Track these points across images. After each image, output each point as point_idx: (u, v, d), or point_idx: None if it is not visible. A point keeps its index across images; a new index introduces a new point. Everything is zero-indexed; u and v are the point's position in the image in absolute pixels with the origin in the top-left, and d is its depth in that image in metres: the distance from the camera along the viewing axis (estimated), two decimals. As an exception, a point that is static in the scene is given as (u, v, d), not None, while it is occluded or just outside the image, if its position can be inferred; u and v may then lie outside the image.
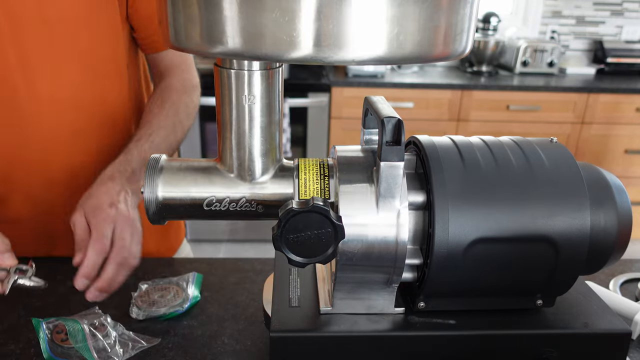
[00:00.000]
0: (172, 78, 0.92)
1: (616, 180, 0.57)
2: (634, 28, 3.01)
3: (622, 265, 0.88)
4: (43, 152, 0.81)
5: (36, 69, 0.76)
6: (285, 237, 0.48)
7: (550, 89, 2.55)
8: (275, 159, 0.58)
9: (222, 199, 0.57)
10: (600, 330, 0.55)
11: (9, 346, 0.66)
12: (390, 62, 0.43)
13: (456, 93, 2.52)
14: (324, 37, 0.40)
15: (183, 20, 0.44)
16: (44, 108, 0.78)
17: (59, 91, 0.79)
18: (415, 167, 0.57)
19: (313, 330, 0.54)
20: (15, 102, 0.76)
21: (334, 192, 0.54)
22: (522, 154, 0.55)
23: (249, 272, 0.84)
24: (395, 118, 0.49)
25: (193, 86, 0.94)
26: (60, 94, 0.79)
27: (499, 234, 0.52)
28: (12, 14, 0.72)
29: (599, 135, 2.65)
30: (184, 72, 0.93)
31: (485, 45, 2.72)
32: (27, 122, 0.78)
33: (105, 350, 0.62)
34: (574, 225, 0.52)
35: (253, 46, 0.41)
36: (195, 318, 0.72)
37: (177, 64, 0.93)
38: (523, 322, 0.56)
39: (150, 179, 0.57)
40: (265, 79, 0.53)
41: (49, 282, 0.79)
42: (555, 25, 2.99)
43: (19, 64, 0.75)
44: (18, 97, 0.76)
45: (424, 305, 0.56)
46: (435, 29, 0.43)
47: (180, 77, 0.92)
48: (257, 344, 0.67)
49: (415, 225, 0.54)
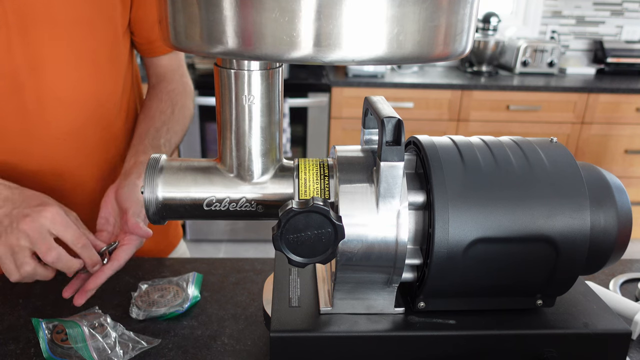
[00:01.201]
0: (174, 82, 0.95)
1: (616, 180, 0.57)
2: (634, 28, 3.01)
3: (622, 265, 0.88)
4: (45, 149, 0.82)
5: (41, 68, 0.77)
6: (285, 237, 0.48)
7: (550, 89, 2.55)
8: (275, 159, 0.58)
9: (222, 199, 0.57)
10: (600, 330, 0.55)
11: (9, 346, 0.66)
12: (390, 62, 0.43)
13: (456, 93, 2.52)
14: (324, 37, 0.40)
15: (183, 20, 0.44)
16: (47, 106, 0.79)
17: (62, 90, 0.80)
18: (415, 167, 0.58)
19: (313, 330, 0.54)
20: (20, 99, 0.77)
21: (334, 192, 0.54)
22: (522, 154, 0.55)
23: (249, 272, 0.84)
24: (395, 118, 0.49)
25: (192, 91, 0.99)
26: (63, 92, 0.80)
27: (499, 234, 0.52)
28: (22, 15, 0.73)
29: (599, 135, 2.65)
30: (182, 76, 0.97)
31: (485, 45, 2.72)
32: (31, 119, 0.79)
33: (105, 351, 0.62)
34: (574, 225, 0.52)
35: (253, 46, 0.41)
36: (195, 318, 0.72)
37: (175, 68, 0.97)
38: (523, 322, 0.56)
39: (150, 179, 0.57)
40: (265, 79, 0.53)
41: (49, 281, 0.80)
42: (555, 25, 2.99)
43: (25, 63, 0.76)
44: (23, 95, 0.77)
45: (424, 305, 0.56)
46: (435, 29, 0.43)
47: (181, 82, 0.96)
48: (257, 344, 0.67)
49: (415, 225, 0.54)
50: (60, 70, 0.79)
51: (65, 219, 0.66)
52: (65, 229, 0.65)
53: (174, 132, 0.89)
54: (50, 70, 0.78)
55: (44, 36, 0.76)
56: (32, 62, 0.76)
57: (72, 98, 0.81)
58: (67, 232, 0.66)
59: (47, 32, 0.76)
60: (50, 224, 0.65)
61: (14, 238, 0.64)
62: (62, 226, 0.65)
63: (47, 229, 0.64)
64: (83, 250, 0.67)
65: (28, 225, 0.63)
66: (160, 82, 0.95)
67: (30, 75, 0.76)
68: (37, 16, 0.74)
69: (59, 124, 0.81)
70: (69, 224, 0.66)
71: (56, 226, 0.65)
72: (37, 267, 0.65)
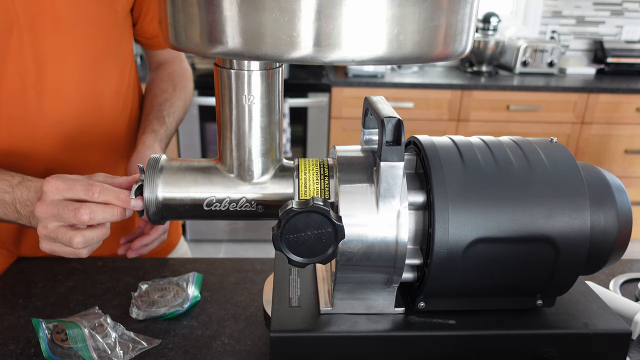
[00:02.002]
0: (174, 66, 1.03)
1: (616, 180, 0.57)
2: (634, 28, 3.01)
3: (622, 265, 0.88)
4: (47, 146, 0.82)
5: (46, 67, 0.78)
6: (285, 237, 0.48)
7: (550, 89, 2.55)
8: (275, 159, 0.58)
9: (222, 199, 0.57)
10: (600, 330, 0.55)
11: (9, 346, 0.66)
12: (390, 62, 0.43)
13: (456, 93, 2.52)
14: (324, 37, 0.40)
15: (183, 20, 0.44)
16: (51, 104, 0.80)
17: (65, 88, 0.81)
18: (415, 167, 0.57)
19: (313, 330, 0.54)
20: (25, 97, 0.78)
21: (334, 192, 0.54)
22: (522, 154, 0.55)
23: (249, 272, 0.84)
24: (395, 118, 0.49)
25: (190, 74, 1.06)
26: (66, 90, 0.81)
27: (499, 234, 0.52)
28: (32, 15, 0.74)
29: (599, 135, 2.65)
30: (182, 61, 1.05)
31: (485, 45, 2.72)
32: (34, 117, 0.79)
33: (105, 351, 0.62)
34: (574, 225, 0.52)
35: (253, 46, 0.41)
36: (195, 318, 0.72)
37: (175, 54, 1.04)
38: (523, 322, 0.56)
39: (150, 179, 0.57)
40: (265, 79, 0.53)
41: (49, 281, 0.80)
42: (555, 25, 2.99)
43: (33, 62, 0.76)
44: (27, 93, 0.78)
45: (424, 305, 0.56)
46: (435, 29, 0.43)
47: (180, 66, 1.04)
48: (257, 344, 0.67)
49: (415, 225, 0.54)
50: (64, 68, 0.79)
51: (66, 181, 0.62)
52: (71, 187, 0.61)
53: (176, 107, 0.96)
54: (54, 68, 0.78)
55: (50, 35, 0.76)
56: (38, 60, 0.77)
57: (75, 96, 0.82)
58: (75, 189, 0.61)
59: (53, 30, 0.76)
60: (56, 193, 0.61)
61: (41, 227, 0.61)
62: (67, 188, 0.61)
63: (57, 199, 0.61)
64: (103, 196, 0.61)
65: (39, 208, 0.61)
66: (161, 66, 1.03)
67: (36, 73, 0.77)
68: (44, 16, 0.75)
69: (62, 121, 0.81)
70: (73, 182, 0.61)
71: (62, 191, 0.61)
72: (86, 232, 0.61)
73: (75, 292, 0.78)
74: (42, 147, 0.81)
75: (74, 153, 0.85)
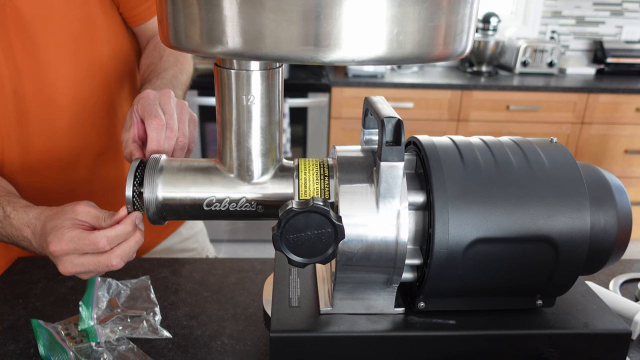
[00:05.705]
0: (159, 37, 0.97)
1: (616, 180, 0.57)
2: (634, 28, 3.01)
3: (622, 265, 0.88)
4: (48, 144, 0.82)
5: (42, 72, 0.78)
6: (285, 237, 0.48)
7: (550, 89, 2.55)
8: (275, 159, 0.58)
9: (222, 199, 0.57)
10: (600, 330, 0.55)
11: (9, 346, 0.66)
12: (390, 62, 0.43)
13: (456, 93, 2.52)
14: (324, 37, 0.40)
15: (183, 20, 0.44)
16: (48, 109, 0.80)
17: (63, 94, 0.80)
18: (415, 167, 0.58)
19: (313, 331, 0.54)
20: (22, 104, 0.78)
21: (334, 192, 0.54)
22: (522, 154, 0.55)
23: (249, 272, 0.84)
24: (395, 118, 0.49)
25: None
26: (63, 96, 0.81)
27: (499, 234, 0.52)
28: (22, 18, 0.74)
29: (598, 135, 2.65)
30: None
31: (485, 45, 2.72)
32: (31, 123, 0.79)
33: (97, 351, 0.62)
34: (574, 225, 0.52)
35: (253, 46, 0.41)
36: (195, 318, 0.72)
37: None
38: (523, 322, 0.56)
39: (150, 179, 0.57)
40: (265, 79, 0.53)
41: (49, 281, 0.80)
42: (555, 25, 2.99)
43: (27, 67, 0.76)
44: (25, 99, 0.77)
45: (424, 305, 0.56)
46: (435, 29, 0.43)
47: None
48: (257, 344, 0.67)
49: (415, 225, 0.54)
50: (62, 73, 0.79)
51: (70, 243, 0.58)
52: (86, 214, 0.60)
53: (168, 64, 0.89)
54: (51, 73, 0.78)
55: (44, 39, 0.76)
56: (33, 65, 0.76)
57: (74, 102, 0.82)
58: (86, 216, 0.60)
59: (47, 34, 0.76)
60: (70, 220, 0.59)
61: (62, 267, 0.59)
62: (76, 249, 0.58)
63: (70, 237, 0.58)
64: (111, 245, 0.58)
65: (54, 247, 0.58)
66: (149, 41, 0.96)
67: (30, 79, 0.77)
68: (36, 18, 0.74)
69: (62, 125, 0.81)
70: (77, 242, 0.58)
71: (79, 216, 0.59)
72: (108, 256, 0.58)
73: (75, 292, 0.78)
74: (44, 141, 0.81)
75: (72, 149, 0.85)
